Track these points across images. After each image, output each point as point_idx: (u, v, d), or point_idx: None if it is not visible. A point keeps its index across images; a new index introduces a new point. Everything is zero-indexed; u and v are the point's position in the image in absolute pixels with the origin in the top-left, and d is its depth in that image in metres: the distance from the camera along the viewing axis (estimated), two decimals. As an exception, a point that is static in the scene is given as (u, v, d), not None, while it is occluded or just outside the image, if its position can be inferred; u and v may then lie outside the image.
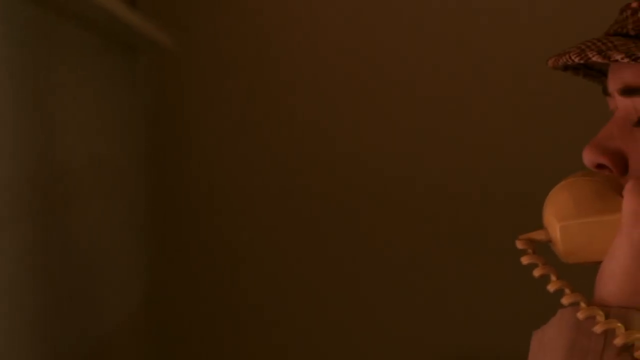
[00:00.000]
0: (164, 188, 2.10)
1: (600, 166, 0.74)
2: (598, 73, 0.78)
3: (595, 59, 0.70)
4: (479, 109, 2.07)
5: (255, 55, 2.12)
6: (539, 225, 0.73)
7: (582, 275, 0.72)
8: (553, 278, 0.69)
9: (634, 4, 0.73)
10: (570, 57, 0.72)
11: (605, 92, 0.77)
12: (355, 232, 2.12)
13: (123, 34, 1.81)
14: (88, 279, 1.73)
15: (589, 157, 0.74)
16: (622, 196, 0.68)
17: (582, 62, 0.71)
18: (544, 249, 0.72)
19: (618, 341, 0.63)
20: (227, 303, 2.11)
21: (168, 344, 2.09)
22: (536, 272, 0.69)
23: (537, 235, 0.72)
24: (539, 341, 0.68)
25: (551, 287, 0.68)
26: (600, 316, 0.65)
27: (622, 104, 0.74)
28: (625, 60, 0.68)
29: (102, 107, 1.83)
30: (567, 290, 0.67)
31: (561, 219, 0.70)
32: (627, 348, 0.64)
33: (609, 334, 0.64)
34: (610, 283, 0.66)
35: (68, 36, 1.65)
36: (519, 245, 0.71)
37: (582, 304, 0.66)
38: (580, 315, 0.65)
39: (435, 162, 2.08)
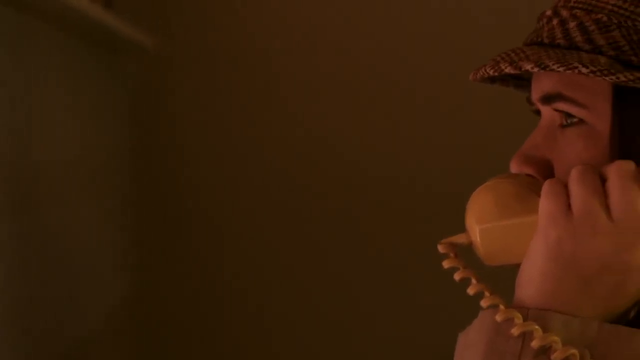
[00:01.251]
0: (148, 187, 2.11)
1: (528, 176, 0.74)
2: (529, 83, 0.78)
3: (508, 70, 0.70)
4: (471, 111, 2.06)
5: (238, 55, 2.12)
6: None
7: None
8: (473, 281, 0.69)
9: (549, 12, 0.73)
10: (485, 71, 0.73)
11: (529, 102, 0.77)
12: (345, 230, 2.12)
13: (100, 34, 1.82)
14: (67, 277, 1.74)
15: (515, 168, 0.75)
16: None
17: (496, 74, 0.72)
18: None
19: (535, 343, 0.64)
20: (212, 301, 2.11)
21: (151, 343, 2.10)
22: (456, 276, 0.70)
23: (459, 238, 0.72)
24: (463, 343, 0.69)
25: (470, 290, 0.68)
26: (518, 318, 0.65)
27: (544, 112, 0.75)
28: (535, 69, 0.68)
29: (81, 107, 1.84)
30: (486, 293, 0.68)
31: (480, 222, 0.70)
32: (545, 350, 0.64)
33: (526, 336, 0.64)
34: (528, 285, 0.66)
35: (44, 36, 1.66)
36: (441, 249, 0.72)
37: (501, 307, 0.66)
38: (498, 317, 0.65)
39: (431, 163, 2.08)
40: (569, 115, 0.72)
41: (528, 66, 0.69)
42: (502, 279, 0.75)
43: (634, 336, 0.64)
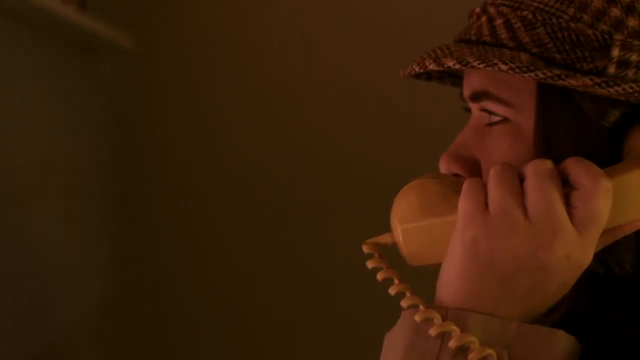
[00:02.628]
0: (128, 187, 2.11)
1: (457, 175, 0.73)
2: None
3: (432, 67, 0.70)
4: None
5: (216, 54, 2.12)
6: None
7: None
8: (395, 281, 0.68)
9: (478, 9, 0.73)
10: (412, 67, 0.72)
11: (462, 99, 0.76)
12: (328, 228, 2.11)
13: (75, 35, 1.82)
14: (42, 277, 1.73)
15: (443, 166, 0.75)
16: None
17: (421, 71, 0.71)
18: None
19: (452, 344, 0.63)
20: (193, 303, 2.11)
21: (129, 344, 2.10)
22: (379, 276, 0.69)
23: (383, 239, 0.71)
24: (387, 343, 0.68)
25: (392, 290, 0.68)
26: (437, 319, 0.64)
27: (473, 110, 0.74)
28: (457, 66, 0.68)
29: (56, 107, 1.84)
30: (407, 294, 0.67)
31: (403, 221, 0.69)
32: (463, 351, 0.63)
33: (445, 337, 0.64)
34: (447, 285, 0.66)
35: (16, 37, 1.66)
36: (365, 249, 0.71)
37: (421, 307, 0.66)
38: (417, 317, 0.65)
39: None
40: (495, 113, 0.72)
41: (450, 63, 0.68)
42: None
43: (553, 336, 0.64)
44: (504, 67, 0.66)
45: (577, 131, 0.68)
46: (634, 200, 0.65)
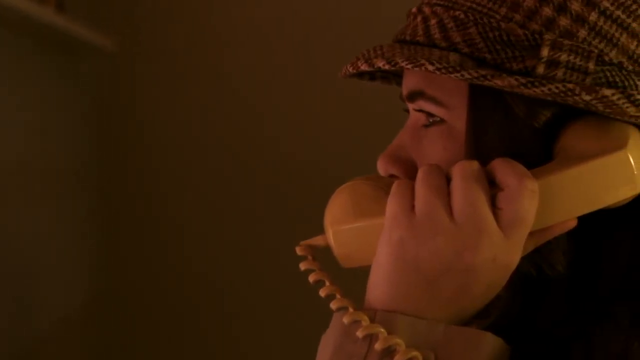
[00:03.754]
0: (110, 187, 2.11)
1: (394, 176, 0.73)
2: None
3: (363, 67, 0.70)
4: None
5: (197, 54, 2.12)
6: None
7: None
8: (327, 283, 0.68)
9: (414, 9, 0.73)
10: (347, 69, 0.72)
11: (401, 100, 0.76)
12: (311, 228, 2.11)
13: (53, 37, 1.82)
14: (22, 278, 1.73)
15: (381, 167, 0.74)
16: None
17: (355, 71, 0.71)
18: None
19: (377, 346, 0.63)
20: (175, 303, 2.11)
21: (112, 344, 2.10)
22: (311, 278, 0.69)
23: (317, 241, 0.71)
24: (321, 344, 0.68)
25: (322, 292, 0.68)
26: (365, 321, 0.64)
27: (411, 111, 0.74)
28: (387, 66, 0.68)
29: (37, 109, 1.84)
30: (337, 296, 0.67)
31: (334, 223, 0.69)
32: (389, 352, 0.63)
33: (373, 339, 0.64)
34: (375, 287, 0.65)
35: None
36: (299, 251, 0.71)
37: (350, 309, 0.65)
38: (344, 319, 0.65)
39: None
40: (429, 113, 0.71)
41: (380, 63, 0.68)
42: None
43: (480, 337, 0.63)
44: (430, 67, 0.65)
45: (506, 131, 0.67)
46: (563, 200, 0.65)
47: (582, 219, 0.67)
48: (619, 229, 0.68)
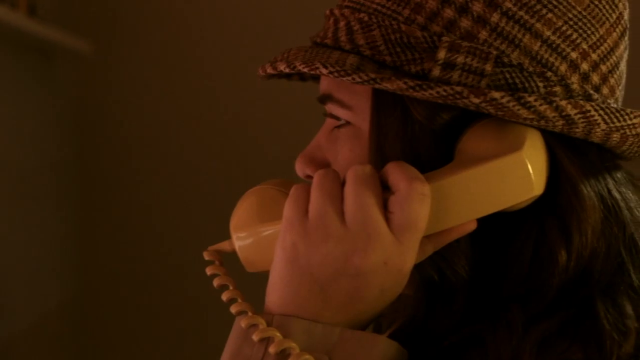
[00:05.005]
0: (84, 191, 2.12)
1: (311, 177, 0.73)
2: None
3: (269, 70, 0.71)
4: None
5: (175, 59, 2.13)
6: None
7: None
8: (230, 287, 0.69)
9: (327, 11, 0.73)
10: (263, 70, 0.72)
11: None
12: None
13: (26, 41, 1.83)
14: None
15: (298, 168, 0.75)
16: None
17: (264, 74, 0.72)
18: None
19: (271, 349, 0.63)
20: (149, 306, 2.12)
21: (85, 346, 2.11)
22: (215, 282, 0.69)
23: (223, 246, 0.72)
24: (225, 348, 0.68)
25: (224, 296, 0.68)
26: (262, 324, 0.64)
27: (327, 113, 0.74)
28: (287, 70, 0.68)
29: (12, 112, 1.85)
30: (239, 300, 0.67)
31: (237, 228, 0.70)
32: (284, 356, 0.63)
33: (269, 342, 0.64)
34: (273, 291, 0.66)
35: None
36: (206, 256, 0.72)
37: (249, 313, 0.65)
38: (242, 323, 0.65)
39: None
40: (336, 116, 0.72)
41: (282, 67, 0.69)
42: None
43: (374, 341, 0.63)
44: (324, 70, 0.65)
45: (405, 134, 0.67)
46: (459, 203, 0.64)
47: (483, 222, 0.66)
48: (520, 232, 0.67)
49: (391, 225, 0.63)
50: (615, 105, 0.69)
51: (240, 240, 0.69)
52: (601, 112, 0.65)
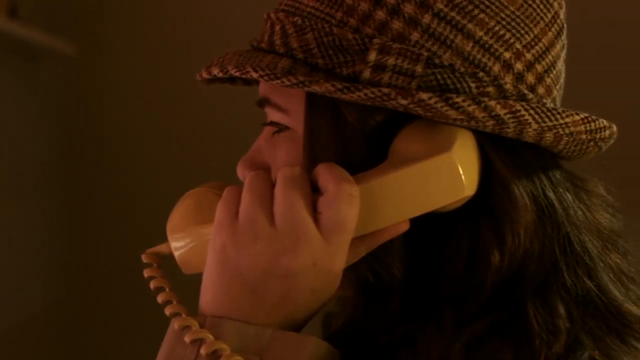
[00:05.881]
0: (67, 192, 2.12)
1: None
2: None
3: (204, 75, 0.71)
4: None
5: (159, 60, 2.13)
6: None
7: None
8: (166, 290, 0.69)
9: (265, 15, 0.73)
10: (199, 75, 0.73)
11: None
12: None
13: (7, 43, 1.84)
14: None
15: (239, 171, 0.75)
16: None
17: (200, 79, 0.72)
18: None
19: (202, 350, 0.63)
20: (132, 308, 2.12)
21: (67, 348, 2.11)
22: (151, 284, 0.70)
23: (161, 248, 0.72)
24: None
25: (159, 299, 0.68)
26: (194, 326, 0.65)
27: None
28: (220, 74, 0.68)
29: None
30: (174, 302, 0.67)
31: (172, 231, 0.70)
32: (217, 357, 0.63)
33: (201, 344, 0.64)
34: (205, 293, 0.66)
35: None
36: (144, 259, 0.72)
37: (183, 315, 0.66)
38: (175, 325, 0.65)
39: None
40: (273, 121, 0.72)
41: (215, 71, 0.69)
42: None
43: (304, 342, 0.64)
44: (255, 74, 0.66)
45: (337, 136, 0.67)
46: (390, 203, 0.65)
47: (417, 223, 0.67)
48: (455, 233, 0.67)
49: (320, 226, 0.63)
50: (550, 105, 0.69)
51: (175, 243, 0.70)
52: (532, 111, 0.65)
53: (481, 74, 0.65)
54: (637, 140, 1.52)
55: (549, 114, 0.66)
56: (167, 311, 0.67)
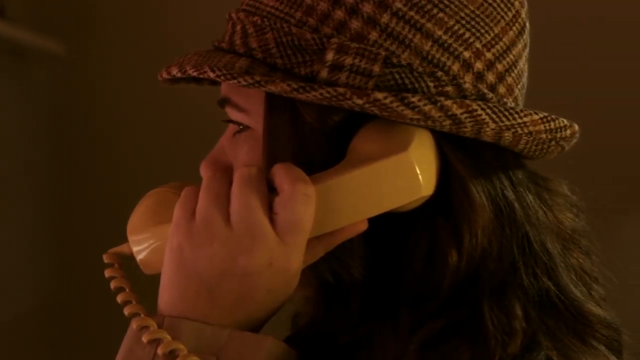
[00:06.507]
0: (58, 192, 2.12)
1: None
2: None
3: (165, 76, 0.71)
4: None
5: (149, 60, 2.12)
6: None
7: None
8: (126, 290, 0.69)
9: (227, 15, 0.73)
10: (160, 75, 0.73)
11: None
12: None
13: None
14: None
15: (202, 172, 0.75)
16: None
17: (161, 79, 0.72)
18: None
19: (159, 350, 0.63)
20: (120, 310, 2.12)
21: (61, 347, 2.11)
22: (112, 284, 0.70)
23: (122, 248, 0.73)
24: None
25: (118, 299, 0.68)
26: (152, 326, 0.65)
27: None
28: (179, 74, 0.69)
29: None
30: (133, 302, 0.68)
31: (131, 231, 0.71)
32: (173, 357, 0.63)
33: (159, 344, 0.64)
34: (163, 293, 0.67)
35: None
36: (105, 259, 0.72)
37: (141, 315, 0.66)
38: (134, 325, 0.65)
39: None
40: (233, 120, 0.72)
41: (174, 71, 0.69)
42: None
43: (260, 343, 0.64)
44: (211, 74, 0.66)
45: (295, 136, 0.67)
46: (347, 203, 0.65)
47: (376, 223, 0.67)
48: (414, 233, 0.67)
49: (276, 226, 0.63)
50: (511, 104, 0.69)
51: (135, 243, 0.70)
52: (489, 111, 0.65)
53: (440, 73, 0.65)
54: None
55: (506, 113, 0.66)
56: (126, 311, 0.67)
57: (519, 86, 0.71)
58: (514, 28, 0.69)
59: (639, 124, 1.80)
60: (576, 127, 0.71)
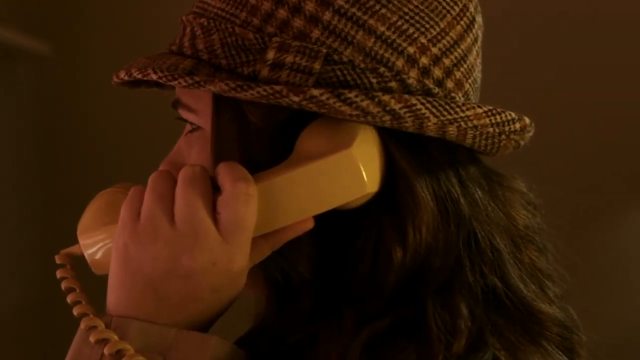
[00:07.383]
0: (46, 192, 2.12)
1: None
2: None
3: (116, 80, 0.71)
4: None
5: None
6: None
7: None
8: (77, 290, 0.70)
9: (180, 19, 0.73)
10: (113, 80, 0.73)
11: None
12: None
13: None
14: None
15: None
16: None
17: (114, 83, 0.72)
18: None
19: (106, 350, 0.64)
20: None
21: (49, 348, 2.12)
22: (62, 285, 0.71)
23: (74, 249, 0.73)
24: None
25: (68, 299, 0.69)
26: (100, 326, 0.65)
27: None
28: (126, 77, 0.70)
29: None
30: (82, 302, 0.68)
31: (82, 232, 0.71)
32: (120, 357, 0.64)
33: (107, 344, 0.65)
34: (111, 293, 0.67)
35: None
36: (58, 260, 0.73)
37: (90, 315, 0.66)
38: (82, 325, 0.66)
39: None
40: (185, 120, 0.73)
41: (122, 74, 0.70)
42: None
43: (205, 342, 0.64)
44: (154, 75, 0.66)
45: (240, 136, 0.68)
46: (290, 201, 0.65)
47: (324, 221, 0.67)
48: (361, 231, 0.67)
49: (219, 225, 0.63)
50: (461, 99, 0.68)
51: (85, 244, 0.70)
52: (429, 105, 0.64)
53: (383, 69, 0.65)
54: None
55: (447, 107, 0.65)
56: (75, 311, 0.67)
57: (469, 80, 0.70)
58: (462, 22, 0.69)
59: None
60: (527, 120, 0.70)
